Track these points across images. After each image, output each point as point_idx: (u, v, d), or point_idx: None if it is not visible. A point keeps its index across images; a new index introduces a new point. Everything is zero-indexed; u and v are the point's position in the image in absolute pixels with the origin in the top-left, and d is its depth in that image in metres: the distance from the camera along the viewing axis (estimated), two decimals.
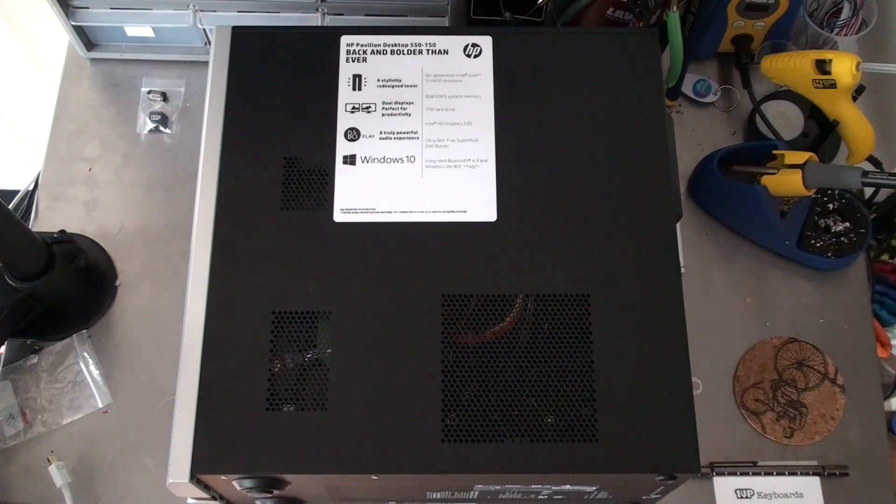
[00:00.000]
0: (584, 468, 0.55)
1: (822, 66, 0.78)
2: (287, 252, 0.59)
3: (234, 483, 0.56)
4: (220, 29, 0.66)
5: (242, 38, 0.66)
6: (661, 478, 0.55)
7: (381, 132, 0.63)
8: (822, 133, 0.85)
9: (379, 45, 0.66)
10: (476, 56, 0.65)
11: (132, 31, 0.88)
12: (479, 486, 0.60)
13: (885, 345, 0.85)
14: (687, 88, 0.90)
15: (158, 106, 0.89)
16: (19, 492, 0.75)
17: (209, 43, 0.87)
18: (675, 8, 0.74)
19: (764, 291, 0.83)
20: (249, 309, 0.58)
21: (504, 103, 0.64)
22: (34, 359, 0.79)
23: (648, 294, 0.58)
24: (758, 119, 0.86)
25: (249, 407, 0.55)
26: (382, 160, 0.62)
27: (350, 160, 0.62)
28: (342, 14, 0.83)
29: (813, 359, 0.79)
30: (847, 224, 0.83)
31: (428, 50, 0.66)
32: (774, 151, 0.80)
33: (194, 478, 0.54)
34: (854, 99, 0.83)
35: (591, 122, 0.63)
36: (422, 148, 0.63)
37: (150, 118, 0.88)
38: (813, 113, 0.85)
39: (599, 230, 0.60)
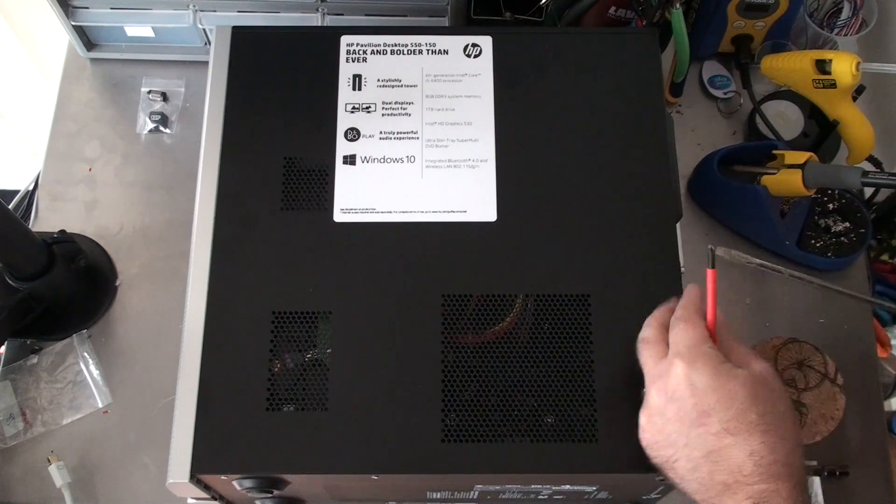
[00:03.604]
0: (584, 468, 0.55)
1: (822, 66, 0.78)
2: (287, 252, 0.59)
3: (234, 483, 0.56)
4: (220, 29, 0.66)
5: (242, 38, 0.66)
6: (661, 478, 0.55)
7: (381, 132, 0.63)
8: (822, 133, 0.85)
9: (379, 45, 0.66)
10: (476, 56, 0.65)
11: (132, 31, 0.88)
12: (479, 486, 0.60)
13: (885, 345, 0.85)
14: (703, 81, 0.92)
15: (158, 106, 0.89)
16: (19, 492, 0.74)
17: (209, 43, 0.87)
18: (677, 5, 0.74)
19: (764, 291, 0.83)
20: (249, 309, 0.58)
21: (504, 103, 0.64)
22: (34, 359, 0.79)
23: (648, 294, 0.58)
24: (758, 119, 0.86)
25: (249, 407, 0.55)
26: (382, 160, 0.62)
27: (350, 160, 0.62)
28: (342, 14, 0.83)
29: (813, 359, 0.79)
30: (847, 224, 0.83)
31: (428, 50, 0.66)
32: (774, 151, 0.80)
33: (194, 478, 0.54)
34: (854, 99, 0.83)
35: (592, 122, 0.63)
36: (422, 148, 0.63)
37: (150, 118, 0.88)
38: (813, 113, 0.85)
39: (599, 230, 0.60)
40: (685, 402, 0.49)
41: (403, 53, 0.65)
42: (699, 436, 0.48)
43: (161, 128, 0.88)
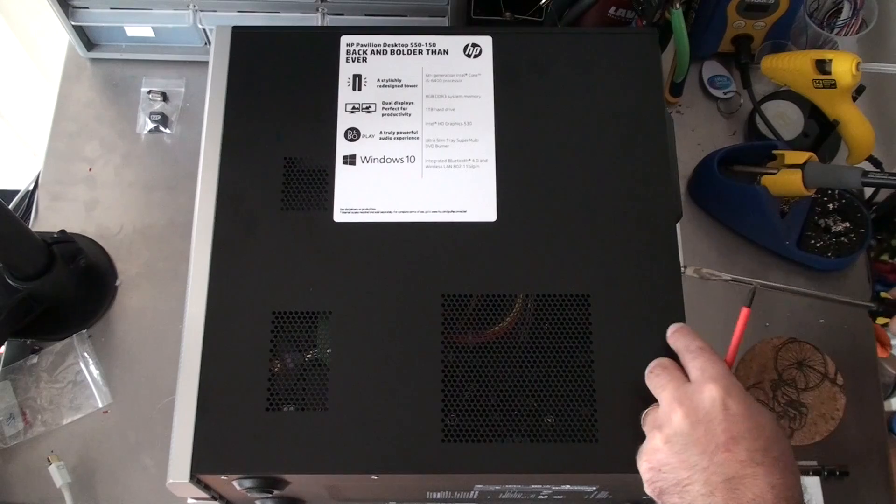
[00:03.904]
0: (584, 468, 0.55)
1: (822, 66, 0.78)
2: (287, 252, 0.59)
3: (234, 483, 0.56)
4: (220, 29, 0.66)
5: (242, 38, 0.66)
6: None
7: (381, 132, 0.63)
8: (822, 133, 0.85)
9: (379, 45, 0.66)
10: (476, 56, 0.65)
11: (132, 31, 0.88)
12: (479, 486, 0.60)
13: (885, 345, 0.85)
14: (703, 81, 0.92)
15: (158, 106, 0.89)
16: (19, 492, 0.74)
17: (209, 43, 0.87)
18: (677, 5, 0.74)
19: (764, 291, 0.82)
20: (249, 309, 0.58)
21: (504, 103, 0.64)
22: (34, 359, 0.79)
23: (648, 294, 0.58)
24: (758, 119, 0.86)
25: (249, 407, 0.55)
26: (382, 160, 0.62)
27: (350, 160, 0.62)
28: (342, 14, 0.83)
29: (813, 359, 0.79)
30: (847, 224, 0.83)
31: (428, 50, 0.66)
32: (774, 151, 0.80)
33: (194, 478, 0.54)
34: (854, 99, 0.83)
35: (591, 122, 0.63)
36: (422, 148, 0.63)
37: (150, 118, 0.88)
38: (813, 113, 0.85)
39: (599, 230, 0.60)
40: (716, 426, 0.49)
41: (403, 53, 0.65)
42: (724, 460, 0.48)
43: (161, 128, 0.88)
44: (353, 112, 0.64)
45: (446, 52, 0.65)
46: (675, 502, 0.49)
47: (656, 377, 0.54)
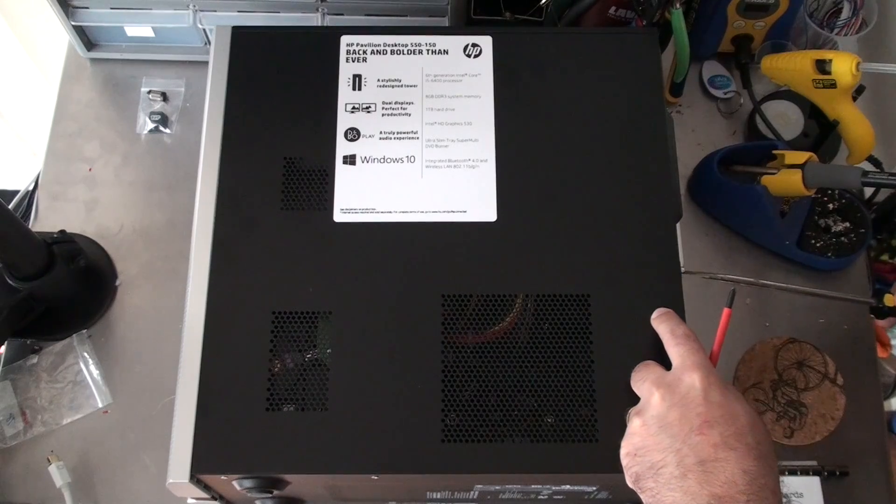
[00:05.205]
0: (584, 468, 0.55)
1: (822, 66, 0.78)
2: (287, 252, 0.59)
3: (234, 483, 0.56)
4: (220, 29, 0.66)
5: (242, 38, 0.66)
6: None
7: (381, 132, 0.63)
8: (822, 133, 0.85)
9: (379, 45, 0.66)
10: (476, 56, 0.65)
11: (132, 31, 0.88)
12: (479, 486, 0.60)
13: (885, 345, 0.85)
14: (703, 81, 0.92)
15: (158, 106, 0.89)
16: (19, 492, 0.74)
17: (209, 43, 0.87)
18: (677, 5, 0.74)
19: (764, 291, 0.83)
20: (249, 309, 0.58)
21: (504, 103, 0.64)
22: (34, 359, 0.79)
23: (648, 294, 0.58)
24: (758, 119, 0.86)
25: (249, 407, 0.55)
26: (382, 160, 0.62)
27: (350, 160, 0.62)
28: (342, 14, 0.83)
29: (813, 359, 0.79)
30: (847, 224, 0.83)
31: (428, 50, 0.66)
32: (774, 151, 0.80)
33: (194, 478, 0.54)
34: (854, 99, 0.83)
35: (591, 121, 0.63)
36: (422, 148, 0.63)
37: (150, 118, 0.88)
38: (813, 113, 0.85)
39: (599, 230, 0.60)
40: (692, 410, 0.50)
41: (403, 53, 0.65)
42: (697, 443, 0.48)
43: (161, 128, 0.88)
44: (353, 112, 0.64)
45: (446, 52, 0.65)
46: (651, 487, 0.49)
47: (637, 373, 0.55)
